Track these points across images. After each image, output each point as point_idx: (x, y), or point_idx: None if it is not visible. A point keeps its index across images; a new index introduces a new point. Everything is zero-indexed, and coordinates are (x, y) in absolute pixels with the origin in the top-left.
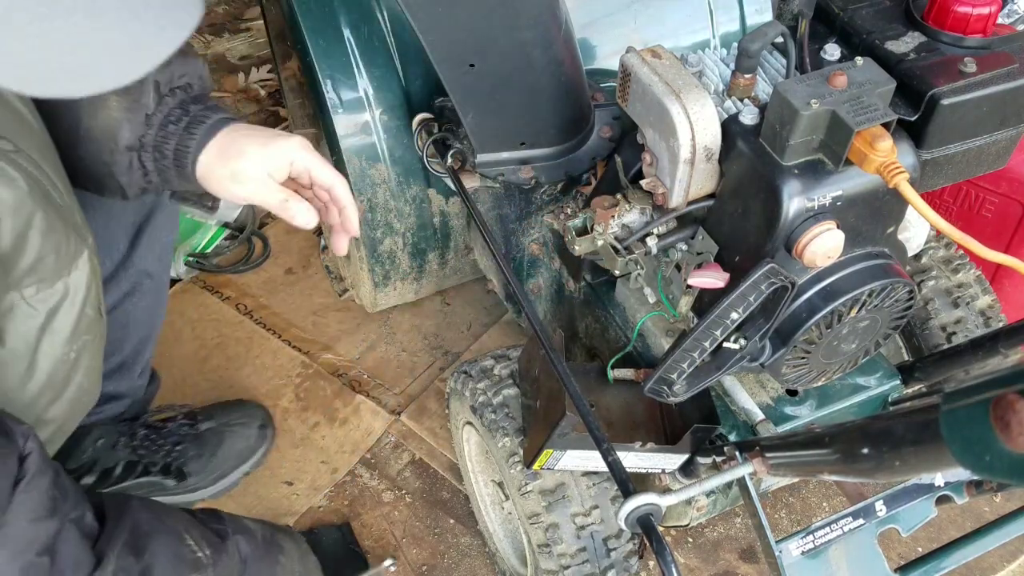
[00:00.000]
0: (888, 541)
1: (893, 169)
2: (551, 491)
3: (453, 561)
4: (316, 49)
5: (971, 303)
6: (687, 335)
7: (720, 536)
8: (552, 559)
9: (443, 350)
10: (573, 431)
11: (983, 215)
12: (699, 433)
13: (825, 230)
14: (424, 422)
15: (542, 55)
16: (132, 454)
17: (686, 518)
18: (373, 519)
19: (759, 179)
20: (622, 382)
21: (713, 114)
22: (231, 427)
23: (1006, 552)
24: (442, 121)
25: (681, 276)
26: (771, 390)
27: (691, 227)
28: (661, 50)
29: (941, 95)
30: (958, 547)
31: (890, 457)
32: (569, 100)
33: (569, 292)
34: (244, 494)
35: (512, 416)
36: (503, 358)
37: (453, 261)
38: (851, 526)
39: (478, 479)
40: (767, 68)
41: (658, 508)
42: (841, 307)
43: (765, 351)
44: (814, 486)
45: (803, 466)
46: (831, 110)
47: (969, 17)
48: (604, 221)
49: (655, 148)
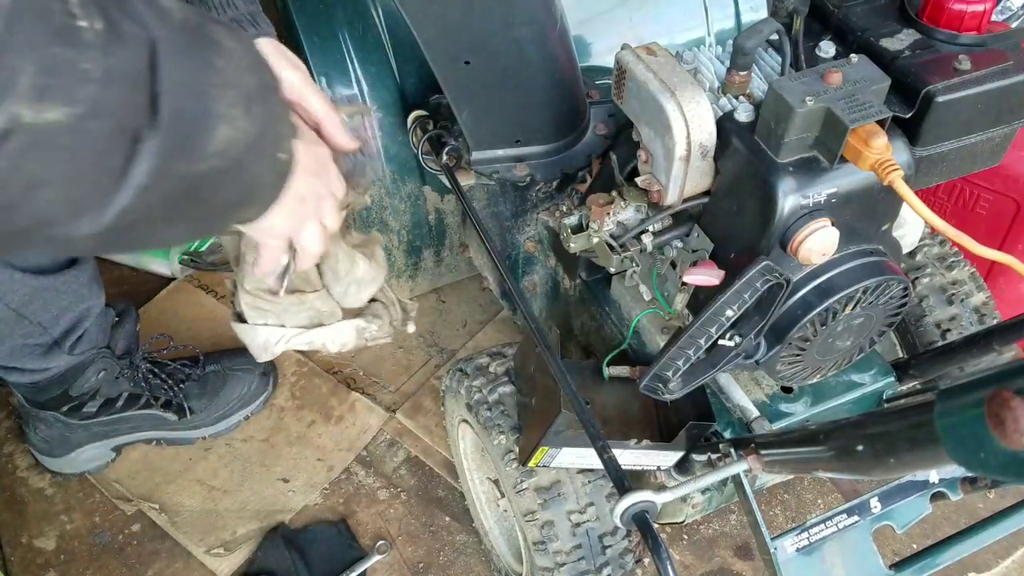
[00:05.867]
0: (883, 538)
1: (888, 166)
2: (546, 488)
3: (448, 559)
4: (311, 46)
5: (965, 300)
6: (682, 332)
7: (715, 533)
8: (548, 556)
9: (438, 348)
10: (568, 428)
11: (977, 212)
12: (694, 430)
13: (820, 227)
14: (419, 420)
15: (537, 52)
16: (135, 387)
17: (681, 515)
18: (368, 516)
19: (754, 176)
20: (617, 380)
21: (708, 111)
22: (234, 371)
23: (1000, 548)
24: (437, 118)
25: (676, 273)
26: (766, 387)
27: (686, 224)
28: (656, 47)
29: (936, 92)
30: (953, 543)
31: (885, 454)
32: (564, 97)
33: (564, 290)
34: (240, 490)
35: (507, 414)
36: (498, 356)
37: (448, 259)
38: (846, 523)
39: (473, 477)
40: (762, 65)
41: (653, 505)
42: (836, 304)
43: (760, 348)
44: (809, 483)
45: (798, 463)
46: (826, 107)
47: (964, 14)
48: (599, 218)
49: (650, 145)
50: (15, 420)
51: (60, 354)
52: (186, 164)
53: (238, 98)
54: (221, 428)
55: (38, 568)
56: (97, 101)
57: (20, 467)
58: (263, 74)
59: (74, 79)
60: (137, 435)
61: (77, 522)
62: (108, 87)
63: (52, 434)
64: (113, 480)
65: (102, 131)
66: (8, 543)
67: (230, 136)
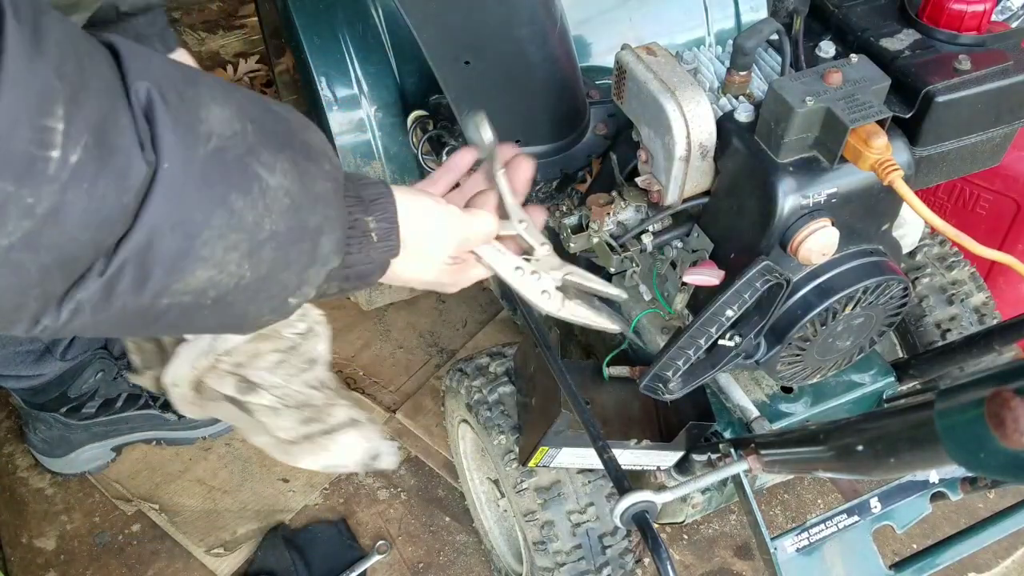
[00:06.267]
0: (883, 538)
1: (888, 166)
2: (546, 488)
3: (448, 559)
4: (311, 46)
5: (965, 300)
6: (682, 332)
7: (715, 533)
8: (548, 556)
9: (438, 348)
10: (568, 428)
11: (977, 212)
12: (694, 430)
13: (820, 227)
14: (420, 420)
15: (537, 52)
16: (134, 387)
17: (681, 515)
18: (368, 517)
19: (754, 176)
20: (617, 380)
21: (708, 111)
22: None
23: (1000, 548)
24: (437, 118)
25: (676, 273)
26: (766, 387)
27: (686, 224)
28: (656, 47)
29: (936, 92)
30: (953, 543)
31: (885, 454)
32: (564, 97)
33: None
34: (240, 490)
35: (508, 414)
36: (498, 356)
37: None
38: (846, 523)
39: (473, 477)
40: (762, 65)
41: (653, 505)
42: (836, 304)
43: (760, 348)
44: (809, 483)
45: (798, 463)
46: (826, 107)
47: (964, 14)
48: (599, 218)
49: (650, 145)
50: (15, 421)
51: (52, 360)
52: (140, 298)
53: (242, 242)
54: (221, 428)
55: (38, 568)
56: (32, 236)
57: (20, 467)
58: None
59: (8, 212)
60: (137, 435)
61: (77, 522)
62: (53, 224)
63: (52, 435)
64: (113, 480)
65: (31, 264)
66: (8, 543)
67: (211, 279)
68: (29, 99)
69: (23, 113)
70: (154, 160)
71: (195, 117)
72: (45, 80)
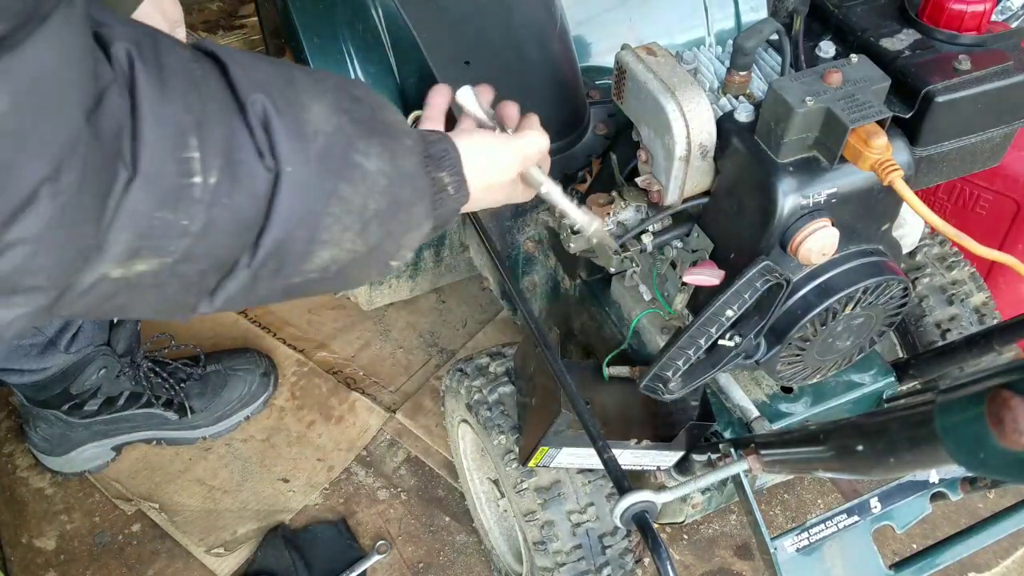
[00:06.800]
0: (883, 538)
1: (888, 166)
2: (546, 488)
3: (448, 559)
4: (310, 46)
5: (965, 300)
6: (682, 332)
7: (715, 533)
8: (547, 556)
9: (438, 348)
10: (568, 428)
11: (977, 212)
12: (694, 430)
13: (820, 227)
14: (419, 420)
15: (537, 52)
16: (136, 385)
17: (681, 515)
18: (368, 517)
19: (754, 176)
20: (617, 380)
21: (708, 111)
22: (235, 371)
23: (1000, 548)
24: None
25: (676, 273)
26: (766, 387)
27: (686, 224)
28: (656, 47)
29: (936, 92)
30: (953, 544)
31: (885, 454)
32: (564, 97)
33: (564, 289)
34: (240, 491)
35: (507, 414)
36: (498, 356)
37: (448, 258)
38: (846, 523)
39: (473, 477)
40: (762, 65)
41: (653, 505)
42: (836, 304)
43: (760, 348)
44: (809, 483)
45: (798, 463)
46: (826, 107)
47: (964, 15)
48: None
49: (650, 145)
50: (15, 420)
51: (57, 353)
52: (277, 281)
53: (354, 223)
54: (221, 429)
55: (38, 568)
56: (190, 250)
57: (20, 467)
58: (403, 190)
59: (170, 236)
60: (137, 435)
61: (77, 522)
62: (205, 237)
63: (53, 433)
64: (113, 480)
65: (191, 271)
66: (8, 543)
67: (333, 256)
68: (167, 139)
69: (167, 153)
70: (274, 166)
71: (302, 119)
72: (176, 117)
